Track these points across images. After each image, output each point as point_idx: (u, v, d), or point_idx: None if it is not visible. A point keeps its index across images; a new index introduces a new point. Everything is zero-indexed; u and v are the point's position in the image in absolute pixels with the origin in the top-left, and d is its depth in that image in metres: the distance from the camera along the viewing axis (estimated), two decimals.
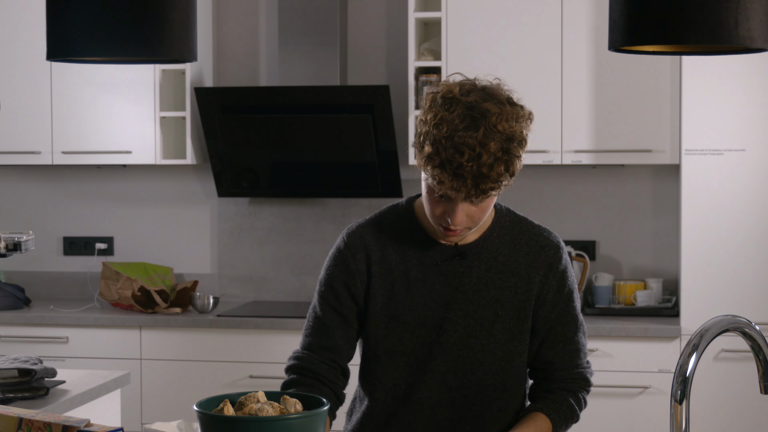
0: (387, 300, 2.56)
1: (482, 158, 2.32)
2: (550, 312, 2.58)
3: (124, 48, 2.29)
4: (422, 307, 2.55)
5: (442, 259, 2.56)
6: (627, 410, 4.80)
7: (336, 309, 2.59)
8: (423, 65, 5.12)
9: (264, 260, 5.60)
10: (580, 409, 2.63)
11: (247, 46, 5.57)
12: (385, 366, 2.58)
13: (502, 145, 2.33)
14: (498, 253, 2.57)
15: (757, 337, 2.05)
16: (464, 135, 2.32)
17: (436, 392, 2.56)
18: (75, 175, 5.77)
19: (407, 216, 2.60)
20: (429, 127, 2.36)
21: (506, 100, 2.39)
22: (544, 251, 2.59)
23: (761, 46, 2.08)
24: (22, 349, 5.12)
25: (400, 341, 2.56)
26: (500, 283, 2.56)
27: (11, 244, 3.41)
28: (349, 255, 2.59)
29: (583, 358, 2.63)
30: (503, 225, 2.60)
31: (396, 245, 2.58)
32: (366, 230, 2.60)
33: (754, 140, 4.69)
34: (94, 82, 5.34)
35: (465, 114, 2.34)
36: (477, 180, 2.34)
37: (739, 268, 4.71)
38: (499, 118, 2.34)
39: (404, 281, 2.56)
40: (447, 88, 2.40)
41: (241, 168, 5.36)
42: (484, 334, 2.55)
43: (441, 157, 2.33)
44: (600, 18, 4.91)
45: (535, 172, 5.38)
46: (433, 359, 2.55)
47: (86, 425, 2.11)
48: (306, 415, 2.16)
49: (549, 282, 2.58)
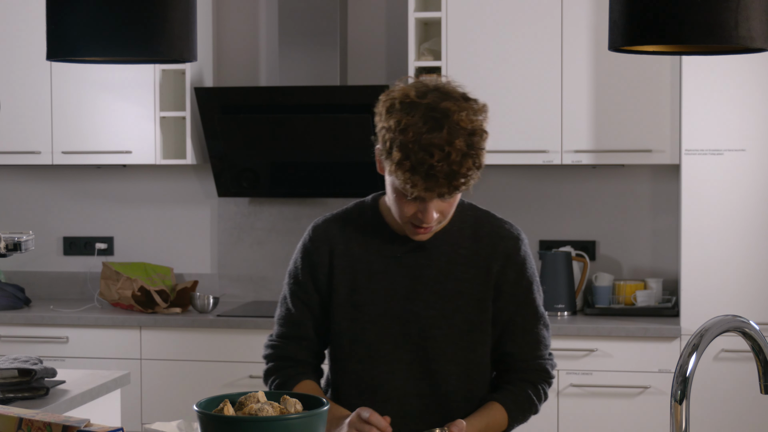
0: (350, 292, 2.63)
1: (451, 156, 2.39)
2: (508, 302, 2.63)
3: (124, 48, 2.29)
4: (384, 299, 2.61)
5: (403, 251, 2.62)
6: (627, 410, 4.80)
7: (304, 301, 2.67)
8: (423, 65, 5.12)
9: (264, 260, 5.60)
10: (539, 401, 2.68)
11: (247, 46, 5.57)
12: (350, 357, 2.65)
13: (467, 141, 2.42)
14: (458, 245, 2.63)
15: (757, 337, 2.05)
16: (430, 136, 2.39)
17: (403, 382, 2.62)
18: (75, 175, 5.77)
19: (372, 212, 2.67)
20: (394, 133, 2.42)
21: (461, 96, 2.47)
22: (503, 242, 2.65)
23: (761, 46, 2.08)
24: (22, 349, 5.12)
25: (364, 332, 2.62)
26: (460, 274, 2.61)
27: (11, 244, 3.42)
28: (312, 248, 2.67)
29: (544, 350, 2.68)
30: (465, 219, 2.66)
31: (360, 239, 2.65)
32: (331, 224, 2.68)
33: (754, 140, 4.69)
34: (94, 82, 5.34)
35: (427, 116, 2.41)
36: (449, 178, 2.41)
37: (739, 268, 4.71)
38: (459, 116, 2.42)
39: (367, 273, 2.62)
40: (403, 93, 2.46)
41: (241, 168, 5.36)
42: (446, 324, 2.60)
43: (411, 161, 2.40)
44: (600, 18, 4.91)
45: (535, 172, 5.38)
46: (397, 350, 2.61)
47: (86, 425, 2.11)
48: (306, 415, 2.16)
49: (507, 272, 2.63)
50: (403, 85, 2.50)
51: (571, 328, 4.83)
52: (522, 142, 5.03)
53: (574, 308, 5.09)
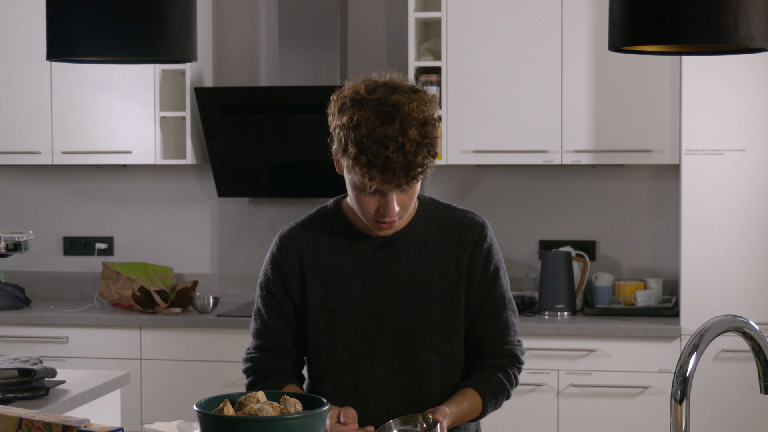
0: (324, 296, 2.65)
1: (406, 147, 2.44)
2: (477, 290, 2.66)
3: (124, 48, 2.29)
4: (358, 298, 2.63)
5: (371, 249, 2.65)
6: (627, 410, 4.80)
7: (278, 312, 2.69)
8: (423, 65, 5.12)
9: (264, 260, 5.59)
10: (510, 385, 2.70)
11: (247, 46, 5.57)
12: (330, 360, 2.66)
13: (420, 131, 2.46)
14: (425, 239, 2.66)
15: (757, 337, 2.05)
16: (383, 129, 2.44)
17: (384, 379, 2.64)
18: (75, 175, 5.77)
19: (336, 215, 2.70)
20: (348, 130, 2.47)
21: (410, 89, 2.51)
22: (469, 231, 2.68)
23: (761, 46, 2.08)
24: (22, 349, 5.12)
25: (341, 334, 2.64)
26: (431, 266, 2.64)
27: (11, 244, 3.42)
28: (281, 258, 2.70)
29: (513, 336, 2.71)
30: (428, 213, 2.69)
31: (327, 243, 2.67)
32: (297, 232, 2.71)
33: (754, 140, 4.69)
34: (94, 82, 5.34)
35: (378, 110, 2.46)
36: (405, 169, 2.45)
37: (739, 268, 4.71)
38: (410, 107, 2.46)
39: (338, 275, 2.65)
40: (353, 90, 2.51)
41: (241, 168, 5.36)
42: (422, 317, 2.63)
43: (367, 155, 2.44)
44: (600, 18, 4.91)
45: (535, 172, 5.38)
46: (376, 347, 2.63)
47: (86, 425, 2.11)
48: (306, 415, 2.16)
49: (476, 260, 2.66)
50: (352, 83, 2.54)
51: (571, 328, 4.83)
52: (522, 142, 5.03)
53: (574, 308, 5.09)
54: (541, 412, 4.84)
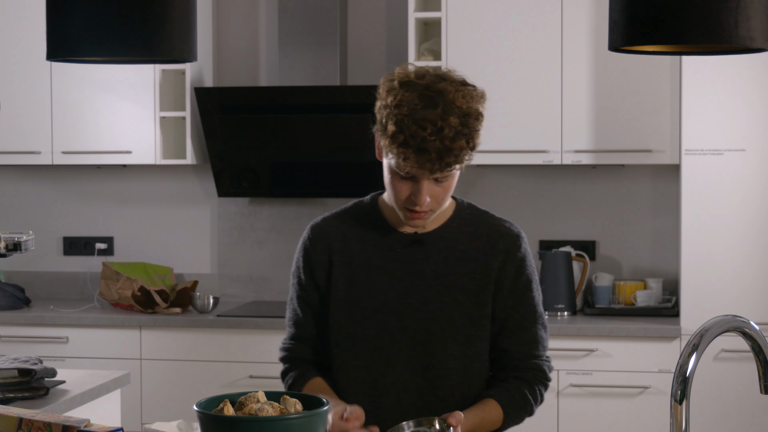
0: (348, 287, 2.64)
1: (444, 131, 2.42)
2: (506, 299, 2.63)
3: (124, 48, 2.29)
4: (382, 293, 2.62)
5: (400, 245, 2.63)
6: (627, 410, 4.80)
7: (305, 300, 2.70)
8: (423, 65, 5.11)
9: (264, 260, 5.60)
10: (535, 402, 2.66)
11: (247, 46, 5.57)
12: (348, 354, 2.64)
13: (461, 120, 2.45)
14: (457, 242, 2.64)
15: (757, 337, 2.05)
16: (424, 112, 2.44)
17: (400, 378, 2.61)
18: (75, 175, 5.77)
19: (370, 209, 2.69)
20: (390, 108, 2.47)
21: (459, 81, 2.52)
22: (503, 239, 2.66)
23: (761, 46, 2.08)
24: (22, 349, 5.12)
25: (362, 328, 2.62)
26: (459, 269, 2.62)
27: (11, 244, 3.42)
28: (311, 246, 2.69)
29: (542, 351, 2.67)
30: (463, 216, 2.68)
31: (358, 235, 2.66)
32: (329, 222, 2.70)
33: (754, 140, 4.69)
34: (94, 82, 5.34)
35: (423, 94, 2.46)
36: (441, 153, 2.44)
37: (739, 268, 4.71)
38: (455, 96, 2.46)
39: (365, 269, 2.64)
40: (403, 74, 2.52)
41: (241, 168, 5.36)
42: (444, 318, 2.61)
43: (405, 134, 2.43)
44: (600, 18, 4.91)
45: (535, 172, 5.38)
46: (395, 345, 2.61)
47: (86, 425, 2.11)
48: (306, 415, 2.16)
49: (507, 268, 2.64)
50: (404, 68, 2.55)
51: (571, 328, 4.83)
52: (522, 142, 5.03)
53: (574, 308, 5.09)
54: (541, 412, 4.81)
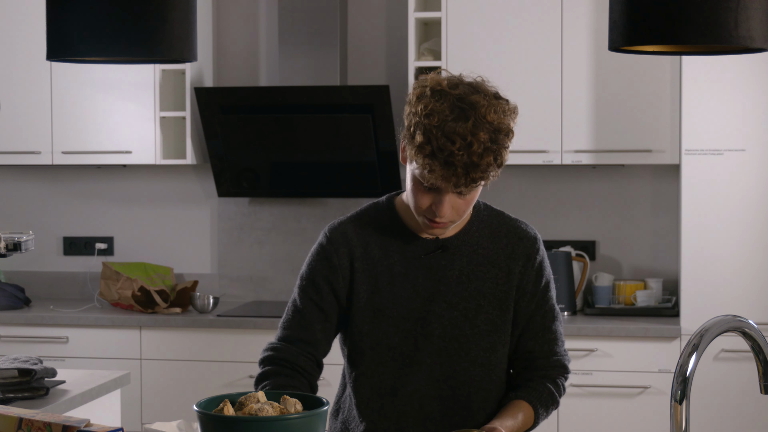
0: (371, 295, 2.60)
1: (473, 147, 2.37)
2: (529, 302, 2.64)
3: (124, 48, 2.29)
4: (406, 301, 2.59)
5: (424, 252, 2.60)
6: (627, 410, 4.80)
7: (317, 303, 2.62)
8: (423, 65, 5.12)
9: (264, 260, 5.60)
10: (559, 395, 2.69)
11: (247, 46, 5.57)
12: (370, 361, 2.61)
13: (491, 136, 2.40)
14: (478, 245, 2.62)
15: (757, 337, 2.05)
16: (454, 125, 2.38)
17: (424, 384, 2.59)
18: (75, 175, 5.77)
19: (388, 212, 2.64)
20: (420, 117, 2.41)
21: (493, 94, 2.47)
22: (522, 243, 2.65)
23: (761, 46, 2.08)
24: (22, 349, 5.12)
25: (386, 335, 2.59)
26: (482, 274, 2.61)
27: (11, 244, 3.42)
28: (332, 250, 2.62)
29: (561, 347, 2.71)
30: (482, 219, 2.66)
31: (378, 240, 2.62)
32: (348, 226, 2.65)
33: (754, 140, 4.69)
34: (94, 82, 5.35)
35: (454, 105, 2.41)
36: (467, 169, 2.39)
37: (739, 268, 4.71)
38: (487, 110, 2.41)
39: (388, 276, 2.60)
40: (435, 81, 2.46)
41: (241, 168, 5.36)
42: (468, 325, 2.59)
43: (432, 146, 2.38)
44: (600, 18, 4.91)
45: (535, 172, 5.38)
46: (419, 352, 2.59)
47: (86, 425, 2.11)
48: (306, 415, 2.16)
49: (528, 273, 2.63)
50: (436, 75, 2.50)
51: (571, 328, 4.82)
52: (522, 142, 5.00)
53: (574, 308, 5.09)
54: None
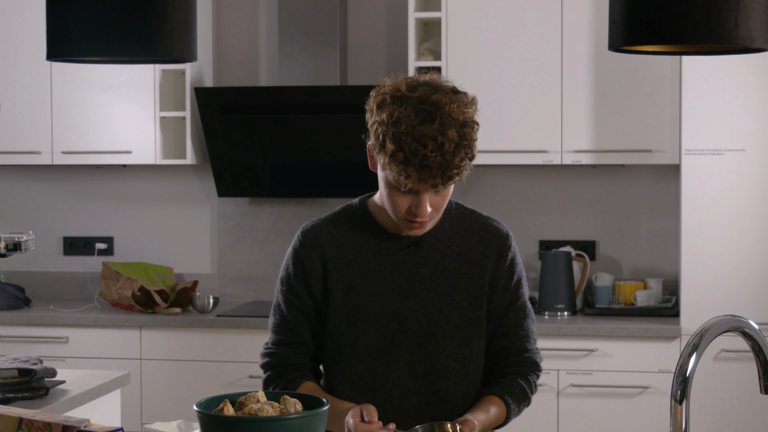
0: (346, 294, 2.63)
1: (444, 147, 2.42)
2: (502, 298, 2.67)
3: (124, 48, 2.29)
4: (381, 298, 2.62)
5: (398, 249, 2.63)
6: (627, 410, 4.80)
7: (298, 307, 2.67)
8: (423, 65, 5.12)
9: (264, 260, 5.60)
10: (531, 392, 2.71)
11: (247, 46, 5.57)
12: (349, 359, 2.64)
13: (459, 132, 2.44)
14: (451, 242, 2.66)
15: (757, 337, 2.05)
16: (423, 128, 2.42)
17: (403, 381, 2.63)
18: (75, 175, 5.77)
19: (361, 213, 2.68)
20: (387, 126, 2.44)
21: (451, 90, 2.51)
22: (494, 239, 2.69)
23: (761, 46, 2.08)
24: (22, 349, 5.12)
25: (362, 333, 2.62)
26: (455, 270, 2.64)
27: (11, 244, 3.42)
28: (304, 253, 2.66)
29: (533, 344, 2.73)
30: (454, 216, 2.69)
31: (352, 240, 2.65)
32: (321, 228, 2.68)
33: (754, 140, 4.69)
34: (94, 82, 5.34)
35: (419, 108, 2.44)
36: (443, 168, 2.43)
37: (739, 268, 4.71)
38: (450, 107, 2.45)
39: (362, 274, 2.63)
40: (393, 87, 2.49)
41: (241, 168, 5.36)
42: (444, 320, 2.63)
43: (405, 152, 2.42)
44: (600, 18, 4.91)
45: (535, 172, 5.38)
46: (396, 348, 2.62)
47: (86, 425, 2.11)
48: (306, 415, 2.16)
49: (500, 269, 2.67)
50: (392, 80, 2.53)
51: (571, 328, 4.83)
52: (522, 142, 5.03)
53: (574, 308, 5.09)
54: (541, 412, 4.84)
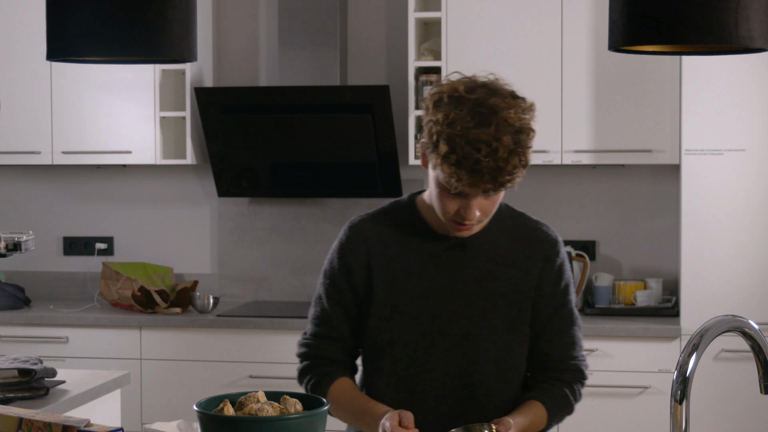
0: (388, 291, 2.61)
1: (498, 153, 2.38)
2: (547, 304, 2.63)
3: (124, 48, 2.29)
4: (423, 298, 2.59)
5: (443, 249, 2.60)
6: (627, 410, 4.80)
7: (339, 301, 2.65)
8: (423, 65, 5.12)
9: (264, 260, 5.60)
10: (575, 400, 2.67)
11: (247, 46, 5.57)
12: (387, 358, 2.62)
13: (514, 138, 2.40)
14: (497, 245, 2.62)
15: (757, 337, 2.05)
16: (477, 131, 2.38)
17: (440, 383, 2.60)
18: (75, 175, 5.77)
19: (409, 210, 2.65)
20: (442, 126, 2.41)
21: (510, 94, 2.46)
22: (542, 245, 2.65)
23: (761, 46, 2.08)
24: (22, 349, 5.12)
25: (402, 332, 2.60)
26: (499, 274, 2.61)
27: (11, 244, 3.42)
28: (348, 248, 2.64)
29: (579, 351, 2.68)
30: (502, 219, 2.65)
31: (397, 238, 2.62)
32: (367, 224, 2.66)
33: (754, 140, 4.69)
34: (94, 82, 5.34)
35: (474, 111, 2.40)
36: (494, 174, 2.40)
37: (739, 268, 4.71)
38: (507, 113, 2.40)
39: (405, 273, 2.60)
40: (451, 87, 2.45)
41: (241, 168, 5.36)
42: (485, 323, 2.59)
43: (458, 154, 2.39)
44: (600, 18, 4.91)
45: (535, 172, 5.38)
46: (435, 350, 2.59)
47: (86, 425, 2.11)
48: (306, 415, 2.16)
49: (547, 275, 2.63)
50: (451, 79, 2.49)
51: None
52: None
53: None
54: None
